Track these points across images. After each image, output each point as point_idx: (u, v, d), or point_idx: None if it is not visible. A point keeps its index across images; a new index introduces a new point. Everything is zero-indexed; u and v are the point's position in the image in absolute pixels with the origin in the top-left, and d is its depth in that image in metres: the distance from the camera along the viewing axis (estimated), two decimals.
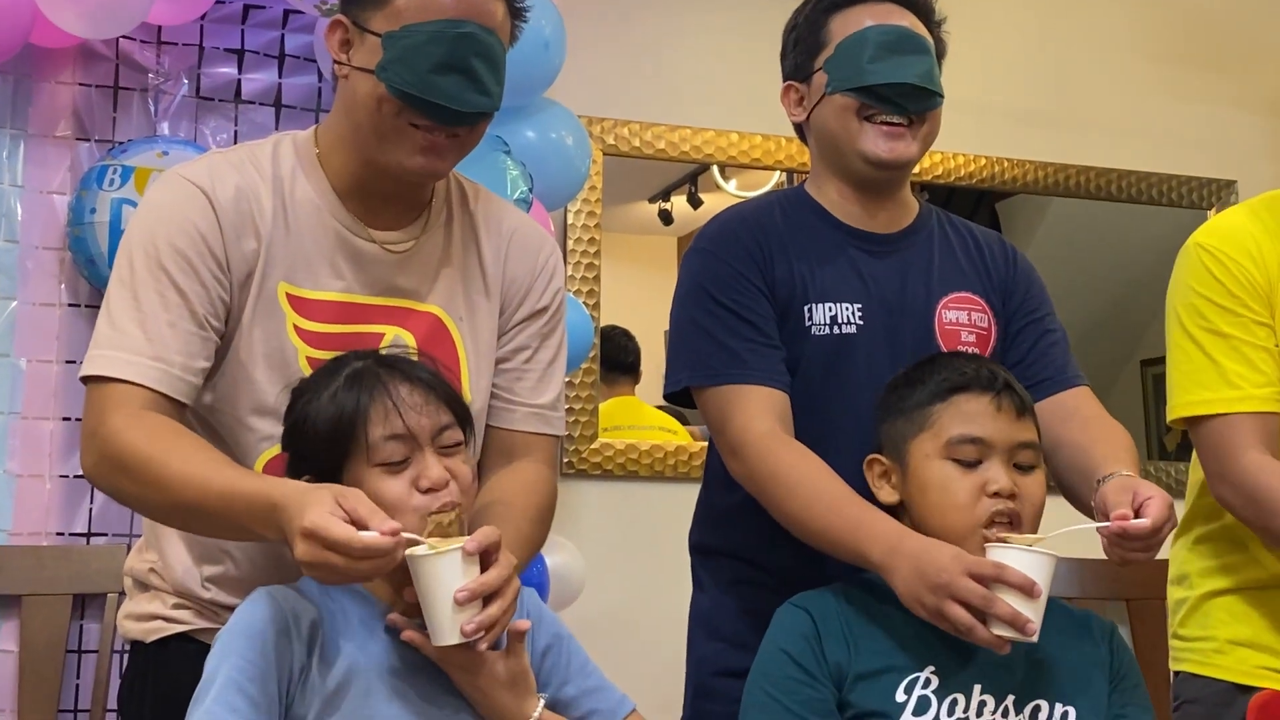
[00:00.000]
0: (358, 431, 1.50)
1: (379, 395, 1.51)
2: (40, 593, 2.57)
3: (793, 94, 1.97)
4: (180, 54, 2.80)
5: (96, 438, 1.53)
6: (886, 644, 1.66)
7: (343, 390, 1.52)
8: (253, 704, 1.41)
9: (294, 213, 1.66)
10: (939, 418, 1.68)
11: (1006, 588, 1.53)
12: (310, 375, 1.59)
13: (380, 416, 1.50)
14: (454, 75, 1.58)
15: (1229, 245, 1.98)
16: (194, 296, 1.58)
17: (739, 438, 1.79)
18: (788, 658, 1.66)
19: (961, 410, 1.67)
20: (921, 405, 1.70)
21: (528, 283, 1.80)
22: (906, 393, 1.73)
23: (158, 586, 1.73)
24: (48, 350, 2.68)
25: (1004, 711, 1.63)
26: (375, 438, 1.49)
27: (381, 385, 1.52)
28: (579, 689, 1.62)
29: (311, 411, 1.53)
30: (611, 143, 3.35)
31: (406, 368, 1.56)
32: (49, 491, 2.65)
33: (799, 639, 1.67)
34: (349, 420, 1.50)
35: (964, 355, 1.80)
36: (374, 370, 1.54)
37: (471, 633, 1.41)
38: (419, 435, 1.51)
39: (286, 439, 1.59)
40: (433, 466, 1.50)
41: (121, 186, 2.58)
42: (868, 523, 1.66)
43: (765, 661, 1.69)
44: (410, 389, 1.52)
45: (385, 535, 1.34)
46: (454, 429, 1.55)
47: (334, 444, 1.50)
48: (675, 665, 2.03)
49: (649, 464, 3.29)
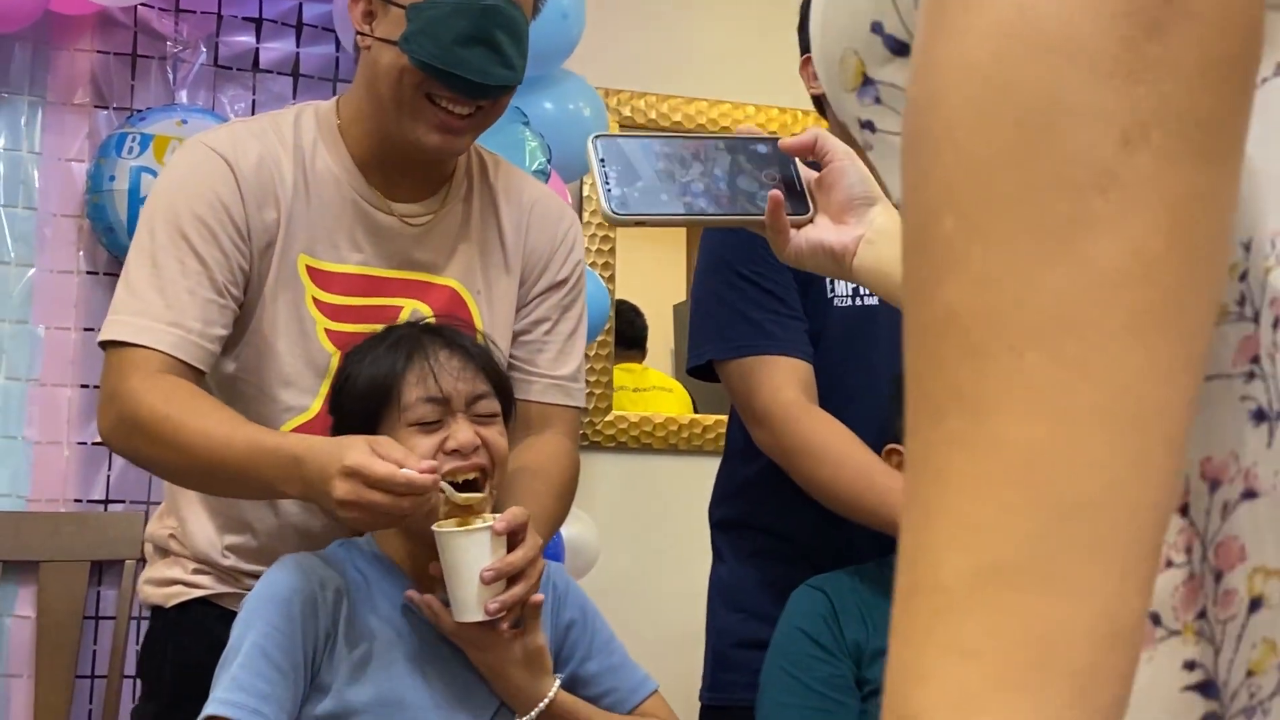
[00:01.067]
0: (393, 392, 1.51)
1: (418, 358, 1.52)
2: (58, 559, 2.58)
3: (811, 67, 1.97)
4: (199, 22, 2.79)
5: (115, 400, 1.54)
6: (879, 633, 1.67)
7: (385, 353, 1.54)
8: (279, 671, 1.42)
9: (314, 184, 1.66)
10: None
11: None
12: (361, 342, 1.60)
13: (417, 378, 1.51)
14: (478, 48, 1.57)
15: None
16: (214, 264, 1.58)
17: (765, 408, 1.79)
18: (805, 636, 1.67)
19: None
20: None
21: (548, 254, 1.80)
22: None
23: (177, 552, 1.74)
24: (65, 318, 2.69)
25: None
26: (410, 399, 1.50)
27: (421, 349, 1.53)
28: (601, 666, 1.62)
29: (354, 373, 1.55)
30: (628, 114, 3.35)
31: (450, 335, 1.57)
32: (67, 458, 2.66)
33: (816, 618, 1.68)
34: (386, 380, 1.52)
35: None
36: (417, 335, 1.56)
37: (495, 611, 1.42)
38: (453, 399, 1.51)
39: (331, 401, 1.60)
40: (463, 429, 1.50)
41: (140, 154, 2.58)
42: (897, 490, 1.66)
43: (783, 641, 1.70)
44: (449, 354, 1.54)
45: (423, 473, 1.36)
46: (490, 398, 1.55)
47: (370, 403, 1.52)
48: (688, 636, 2.04)
49: (663, 436, 3.30)
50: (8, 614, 2.58)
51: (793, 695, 1.65)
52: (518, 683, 1.52)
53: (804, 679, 1.64)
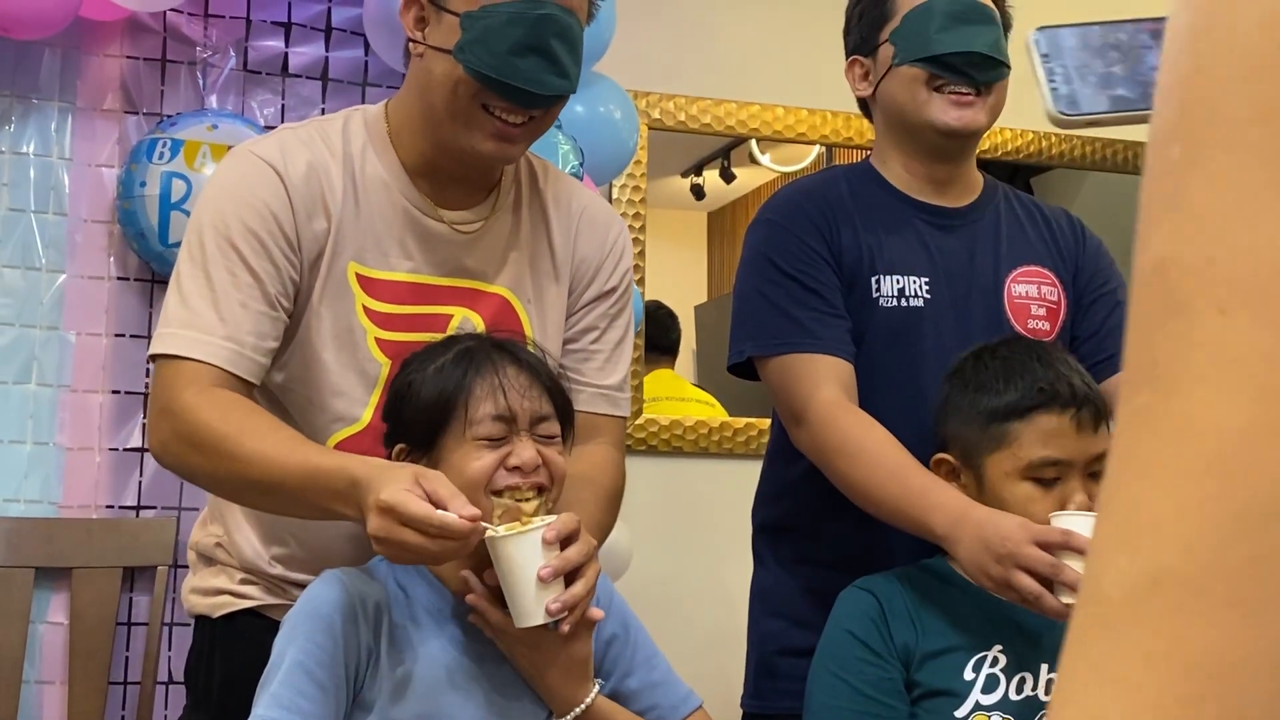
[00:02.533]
0: (460, 405, 1.49)
1: (487, 372, 1.51)
2: (90, 565, 2.58)
3: (858, 68, 1.95)
4: (228, 27, 2.79)
5: (169, 415, 1.52)
6: (952, 624, 1.65)
7: (451, 364, 1.52)
8: (320, 688, 1.40)
9: (364, 191, 1.65)
10: (1018, 437, 1.63)
11: (1073, 555, 1.50)
12: (421, 349, 1.58)
13: (486, 393, 1.49)
14: (533, 57, 1.56)
15: None
16: (265, 276, 1.57)
17: (803, 406, 1.78)
18: (853, 638, 1.65)
19: (1042, 430, 1.63)
20: (999, 420, 1.65)
21: (597, 262, 1.78)
22: (979, 399, 1.68)
23: (224, 561, 1.73)
24: (97, 323, 2.68)
25: (1019, 685, 1.62)
26: (477, 413, 1.49)
27: (490, 364, 1.52)
28: (642, 682, 1.60)
29: (416, 381, 1.53)
30: (657, 116, 3.34)
31: (516, 350, 1.56)
32: (98, 464, 2.66)
33: (864, 620, 1.66)
34: (453, 393, 1.50)
35: (1033, 352, 1.71)
36: (485, 349, 1.54)
37: (557, 611, 1.40)
38: (519, 417, 1.50)
39: (388, 407, 1.58)
40: (525, 448, 1.49)
41: (171, 160, 2.58)
42: (933, 493, 1.64)
43: (831, 644, 1.68)
44: (518, 371, 1.52)
45: (464, 519, 1.32)
46: (553, 421, 1.54)
47: (435, 414, 1.50)
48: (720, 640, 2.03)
49: (694, 440, 3.29)
50: (41, 620, 2.58)
51: (840, 698, 1.64)
52: (556, 686, 1.50)
53: (852, 682, 1.63)
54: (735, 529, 2.08)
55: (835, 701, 1.65)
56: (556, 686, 1.50)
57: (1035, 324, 1.89)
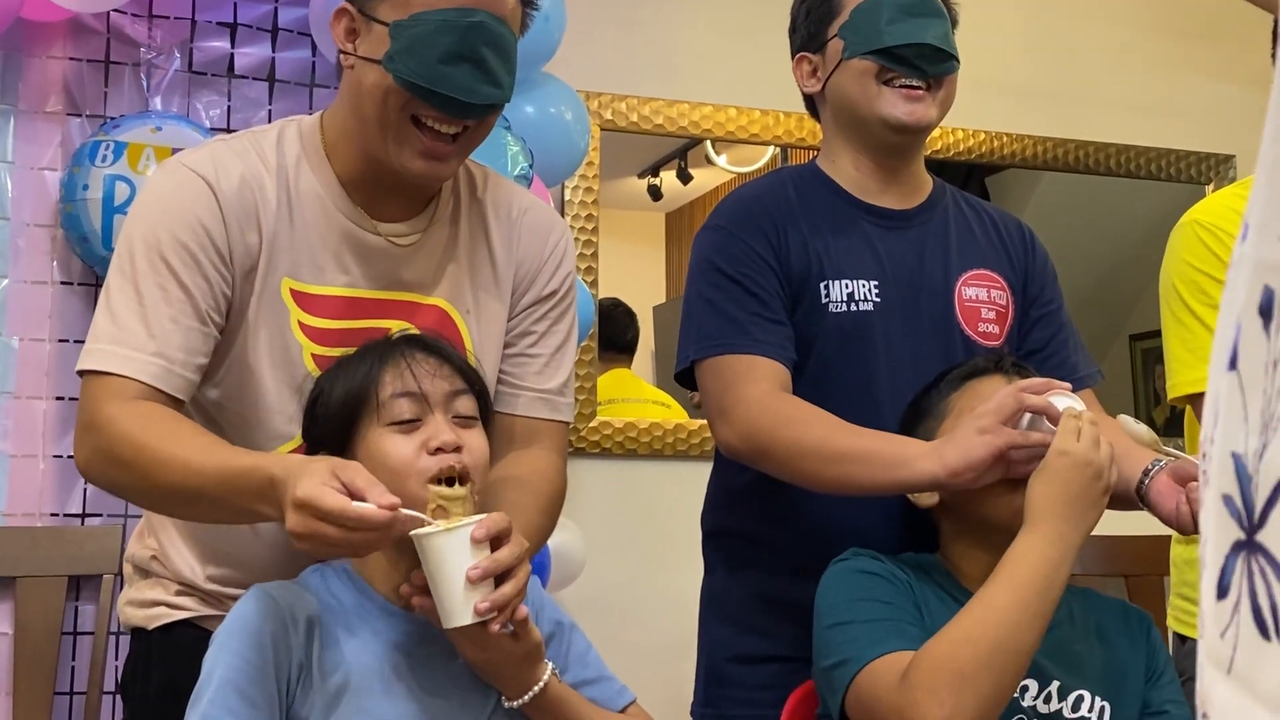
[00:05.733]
0: (370, 394, 1.48)
1: (394, 360, 1.49)
2: (35, 574, 2.54)
3: (805, 65, 1.94)
4: (172, 28, 2.75)
5: (92, 430, 1.49)
6: (949, 608, 1.60)
7: (358, 360, 1.51)
8: (251, 704, 1.38)
9: (299, 205, 1.62)
10: (956, 404, 1.67)
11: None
12: (333, 363, 1.56)
13: (392, 377, 1.48)
14: (464, 65, 1.53)
15: (1226, 223, 1.97)
16: (197, 291, 1.54)
17: (734, 401, 1.74)
18: (864, 573, 1.61)
19: (979, 392, 1.66)
20: (942, 399, 1.70)
21: (536, 266, 1.76)
22: (924, 396, 1.73)
23: (159, 574, 1.70)
24: (40, 329, 2.65)
25: (1046, 698, 1.61)
26: (386, 396, 1.47)
27: (398, 352, 1.50)
28: (576, 679, 1.58)
29: (327, 388, 1.52)
30: (609, 117, 3.32)
31: (423, 339, 1.55)
32: (43, 472, 2.62)
33: (875, 564, 1.62)
34: (362, 385, 1.48)
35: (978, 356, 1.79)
36: (394, 343, 1.53)
37: (485, 611, 1.37)
38: (430, 395, 1.48)
39: (305, 420, 1.56)
40: (444, 429, 1.47)
41: (114, 162, 2.55)
42: (896, 437, 1.66)
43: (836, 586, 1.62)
44: (425, 355, 1.51)
45: (382, 508, 1.30)
46: (468, 396, 1.52)
47: (347, 410, 1.49)
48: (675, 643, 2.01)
49: (648, 442, 3.27)
50: None
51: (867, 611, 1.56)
52: (511, 673, 1.48)
53: (877, 598, 1.57)
54: (690, 532, 2.06)
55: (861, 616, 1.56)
56: (511, 673, 1.48)
57: (985, 327, 1.88)
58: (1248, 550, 0.51)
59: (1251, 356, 0.52)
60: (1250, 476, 0.51)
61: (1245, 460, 0.51)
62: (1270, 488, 0.50)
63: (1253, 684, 0.50)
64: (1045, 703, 1.60)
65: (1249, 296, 0.52)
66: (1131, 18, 3.84)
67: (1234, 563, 0.52)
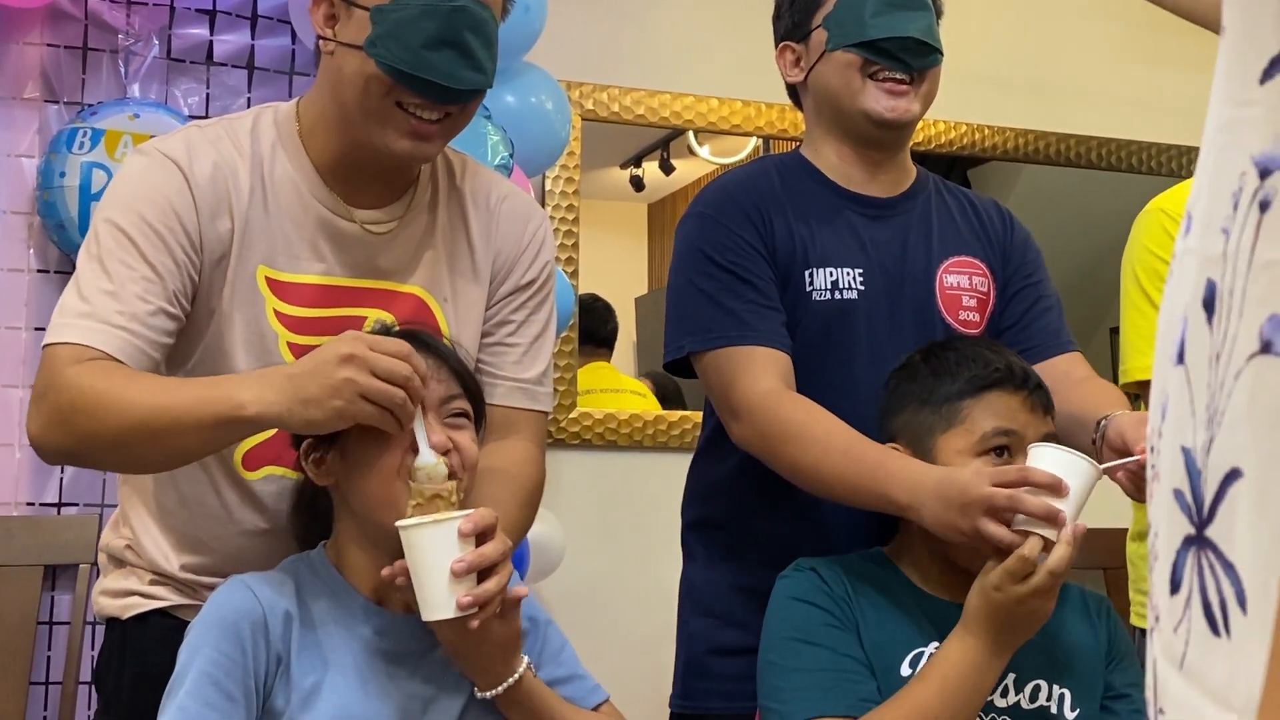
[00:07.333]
0: None
1: None
2: (10, 564, 2.53)
3: (789, 54, 1.93)
4: (151, 14, 2.73)
5: (49, 392, 1.46)
6: (890, 616, 1.63)
7: None
8: (228, 697, 1.37)
9: (273, 193, 1.61)
10: (971, 413, 1.64)
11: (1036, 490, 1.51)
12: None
13: None
14: (447, 51, 1.52)
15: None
16: (165, 272, 1.52)
17: (744, 398, 1.75)
18: (811, 605, 1.62)
19: (995, 406, 1.64)
20: (952, 400, 1.65)
21: (514, 255, 1.75)
22: (933, 384, 1.68)
23: (133, 563, 1.69)
24: (16, 317, 2.63)
25: (1003, 691, 1.61)
26: None
27: None
28: (550, 676, 1.58)
29: None
30: (590, 107, 3.31)
31: (422, 337, 1.53)
32: (19, 461, 2.60)
33: (817, 592, 1.63)
34: None
35: (984, 344, 1.74)
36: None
37: (467, 605, 1.37)
38: (425, 399, 1.47)
39: None
40: (434, 431, 1.46)
41: (92, 150, 2.53)
42: (887, 464, 1.63)
43: (783, 614, 1.64)
44: (424, 355, 1.49)
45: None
46: (461, 399, 1.52)
47: None
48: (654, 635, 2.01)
49: (628, 433, 3.27)
50: None
51: (804, 659, 1.58)
52: (486, 664, 1.48)
53: (816, 641, 1.58)
54: (670, 524, 2.06)
55: (799, 664, 1.59)
56: (487, 665, 1.48)
57: (966, 315, 1.88)
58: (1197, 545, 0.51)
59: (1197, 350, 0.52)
60: (1200, 471, 0.51)
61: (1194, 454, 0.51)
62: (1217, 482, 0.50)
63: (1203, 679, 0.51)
64: (1003, 696, 1.61)
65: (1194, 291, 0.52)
66: (1113, 11, 3.84)
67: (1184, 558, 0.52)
